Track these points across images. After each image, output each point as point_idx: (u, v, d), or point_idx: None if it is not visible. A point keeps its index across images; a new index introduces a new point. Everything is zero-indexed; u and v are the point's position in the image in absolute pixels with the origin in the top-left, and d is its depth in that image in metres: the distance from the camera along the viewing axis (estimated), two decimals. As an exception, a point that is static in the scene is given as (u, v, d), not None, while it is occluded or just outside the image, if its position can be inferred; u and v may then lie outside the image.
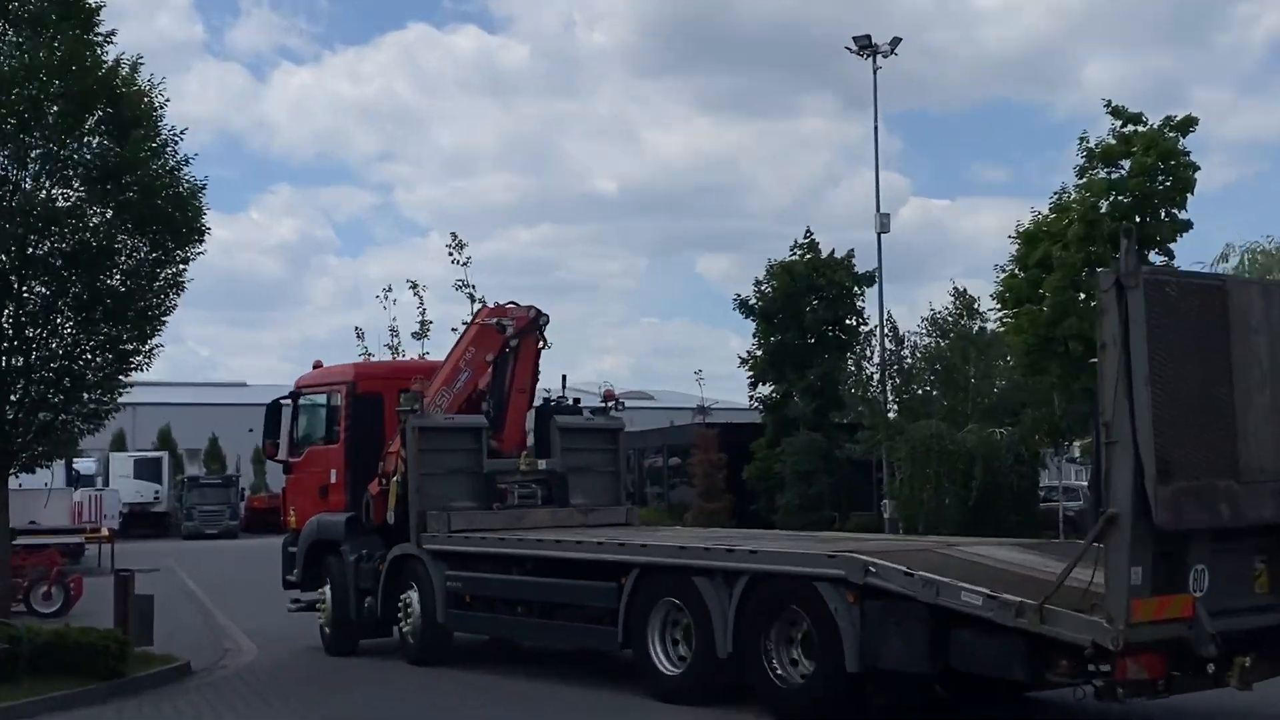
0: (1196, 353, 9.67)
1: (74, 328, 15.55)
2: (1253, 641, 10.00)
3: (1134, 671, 9.37)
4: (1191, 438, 9.51)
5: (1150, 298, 9.37)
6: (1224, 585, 9.86)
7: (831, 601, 10.97)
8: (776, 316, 38.71)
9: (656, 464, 47.58)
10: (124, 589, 16.03)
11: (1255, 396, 9.95)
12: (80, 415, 15.96)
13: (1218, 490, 9.62)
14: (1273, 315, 10.17)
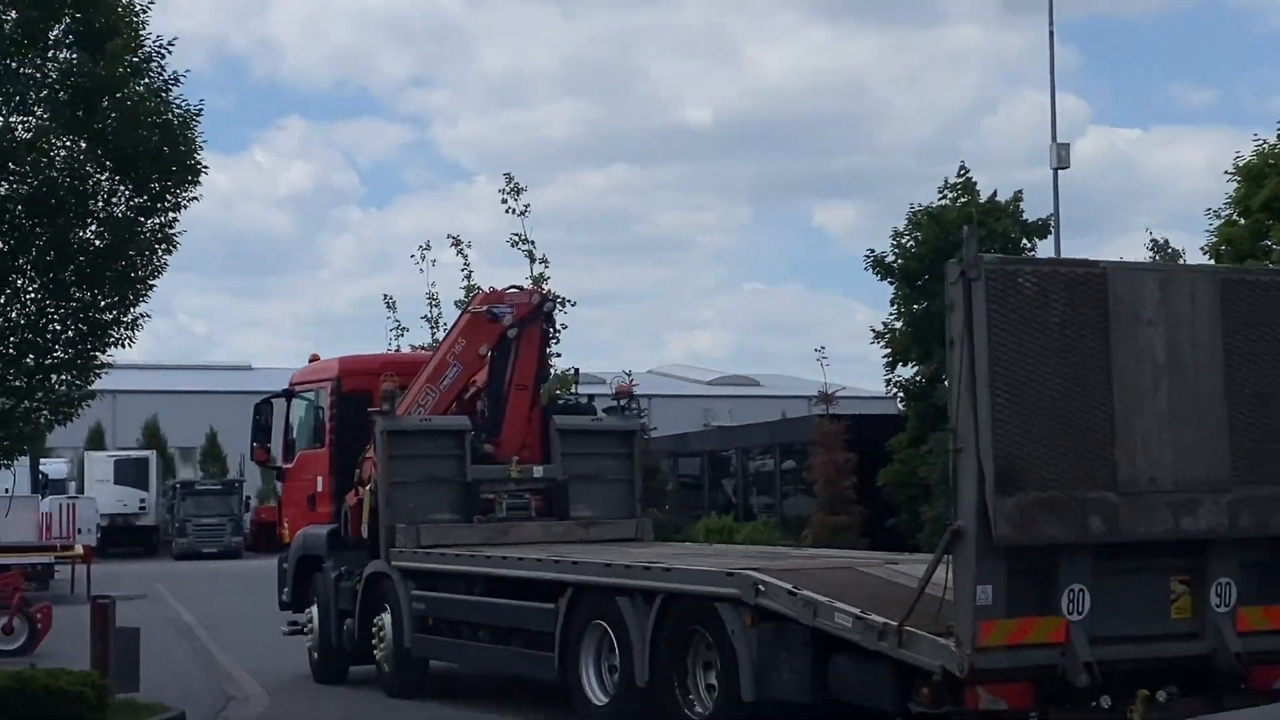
0: (1061, 350, 10.41)
1: (38, 291, 15.52)
2: (1169, 673, 10.91)
3: (987, 701, 10.28)
4: (1049, 445, 10.29)
5: (996, 290, 10.26)
6: (1124, 609, 10.76)
7: (730, 624, 12.25)
8: (922, 278, 38.19)
9: (765, 467, 47.35)
10: (103, 621, 16.13)
11: (1147, 398, 10.68)
12: (47, 402, 15.96)
13: (1087, 503, 10.39)
14: (1170, 307, 10.80)
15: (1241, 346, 11.21)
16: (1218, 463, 11.03)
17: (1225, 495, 11.03)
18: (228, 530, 58.56)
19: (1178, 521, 10.85)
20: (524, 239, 41.33)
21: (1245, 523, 11.09)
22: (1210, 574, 11.18)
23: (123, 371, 74.32)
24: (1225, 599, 11.20)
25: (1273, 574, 11.48)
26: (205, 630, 27.40)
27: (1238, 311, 11.22)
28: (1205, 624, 11.19)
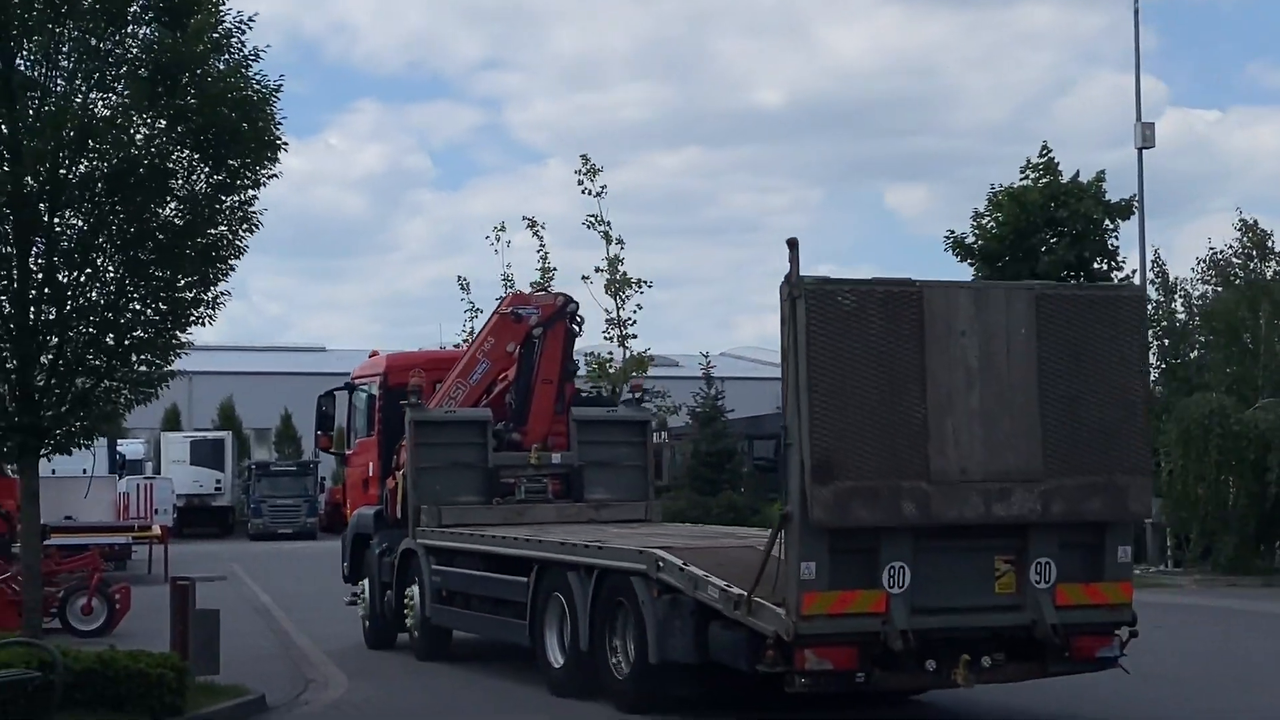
0: (878, 358, 12.17)
1: (118, 270, 15.44)
2: (995, 641, 12.71)
3: (813, 663, 12.15)
4: (864, 441, 12.03)
5: (816, 307, 12.09)
6: (947, 584, 12.48)
7: (641, 595, 14.12)
8: (1003, 259, 37.70)
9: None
10: (182, 602, 16.08)
11: (959, 399, 12.37)
12: (126, 382, 15.89)
13: (900, 490, 12.12)
14: (985, 319, 12.48)
15: (1054, 354, 12.76)
16: (1030, 456, 12.61)
17: (1038, 485, 12.61)
18: (302, 511, 58.68)
19: (989, 508, 12.46)
20: (600, 220, 41.27)
21: (1058, 509, 12.66)
22: (1031, 554, 12.77)
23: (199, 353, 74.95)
24: (1045, 576, 12.82)
25: (1091, 555, 13.01)
26: (282, 611, 27.39)
27: (1051, 323, 12.79)
28: (1027, 599, 12.75)
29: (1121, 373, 13.05)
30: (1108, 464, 12.90)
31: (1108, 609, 13.19)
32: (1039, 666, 13.16)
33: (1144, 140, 36.67)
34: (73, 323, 15.31)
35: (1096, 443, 12.88)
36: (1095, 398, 12.95)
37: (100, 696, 13.87)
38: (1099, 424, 12.92)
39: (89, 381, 15.58)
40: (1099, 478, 12.85)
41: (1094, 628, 13.16)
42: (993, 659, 12.79)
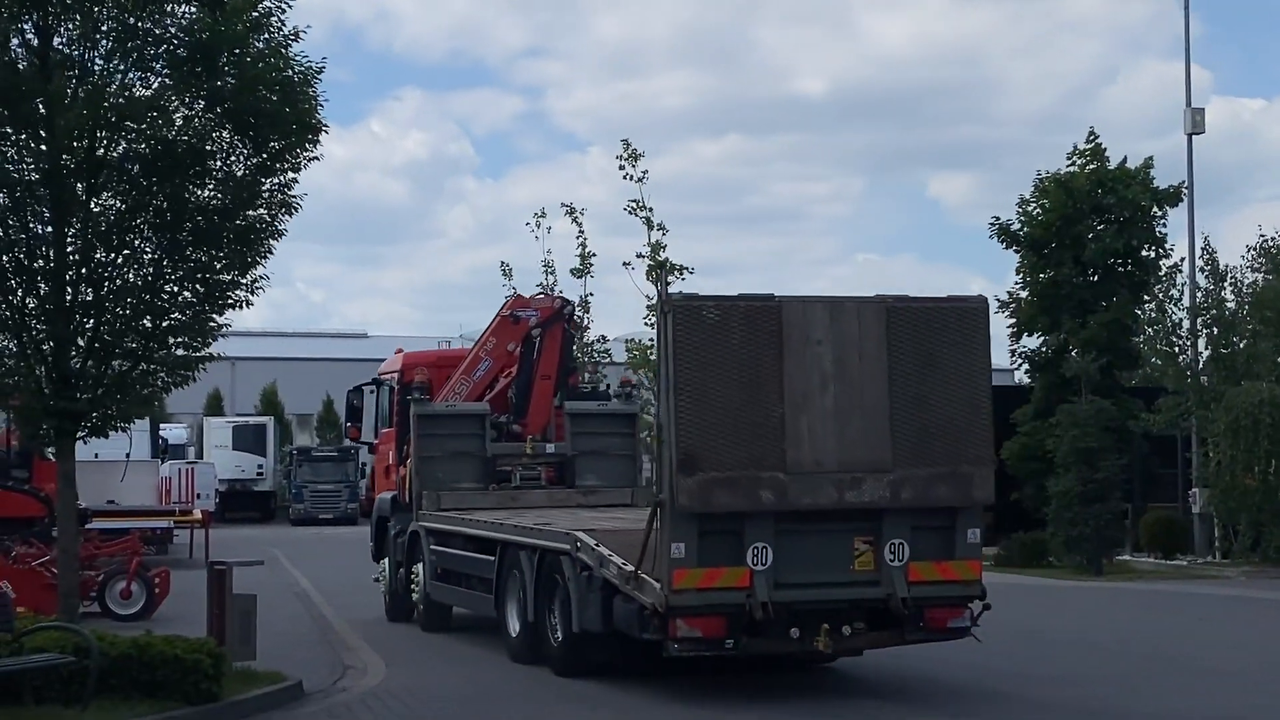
0: (739, 365, 13.79)
1: (156, 252, 15.33)
2: (856, 612, 14.43)
3: (684, 631, 13.87)
4: (725, 438, 13.66)
5: (682, 321, 13.75)
6: (811, 562, 14.15)
7: (568, 572, 15.87)
8: (1049, 246, 37.26)
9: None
10: (219, 587, 15.96)
11: (814, 400, 13.99)
12: (163, 365, 15.76)
13: (759, 481, 13.75)
14: (839, 328, 14.14)
15: (903, 359, 14.29)
16: (880, 450, 14.16)
17: (887, 475, 14.17)
18: (344, 496, 58.62)
19: (842, 495, 14.09)
20: (641, 206, 41.03)
21: (907, 496, 14.23)
22: (886, 535, 14.36)
23: (242, 339, 75.34)
24: (899, 555, 14.39)
25: (943, 536, 14.58)
26: (322, 596, 27.25)
27: (900, 331, 14.32)
28: (883, 575, 14.37)
29: (967, 375, 14.57)
30: (953, 456, 14.41)
31: (958, 585, 14.75)
32: (897, 635, 14.86)
33: (1194, 126, 36.16)
34: (109, 304, 15.19)
35: (943, 438, 14.39)
36: (942, 398, 14.43)
37: (135, 682, 13.73)
38: (945, 421, 14.40)
39: (126, 364, 15.46)
40: (945, 468, 14.39)
41: (945, 601, 14.80)
42: (853, 628, 14.56)
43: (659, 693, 15.27)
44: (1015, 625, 22.28)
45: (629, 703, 15.03)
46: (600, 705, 14.94)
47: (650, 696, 15.18)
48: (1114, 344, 36.00)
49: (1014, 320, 37.96)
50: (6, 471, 27.13)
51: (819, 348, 14.16)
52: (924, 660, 16.86)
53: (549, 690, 15.93)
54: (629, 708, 14.82)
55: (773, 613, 14.01)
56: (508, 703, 15.19)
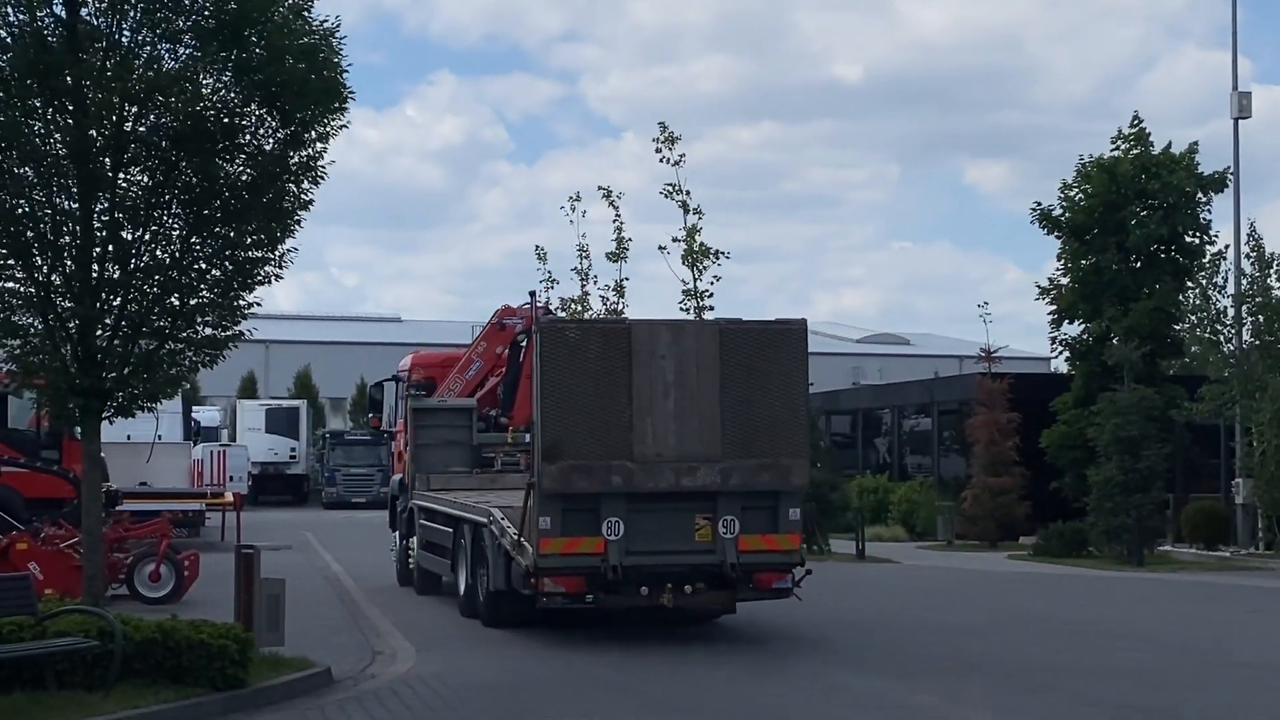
0: (595, 375, 17.09)
1: (184, 228, 14.99)
2: (697, 576, 17.68)
3: (550, 587, 17.42)
4: (583, 433, 17.06)
5: (548, 339, 17.29)
6: (659, 534, 17.48)
7: (488, 541, 19.34)
8: (1091, 232, 36.72)
9: (921, 426, 46.16)
10: (247, 572, 15.68)
11: (658, 403, 17.25)
12: (191, 344, 15.42)
13: (610, 468, 17.13)
14: (679, 346, 17.39)
15: (733, 371, 17.51)
16: (712, 444, 17.43)
17: (718, 464, 17.43)
18: (376, 480, 58.07)
19: (679, 480, 17.40)
20: (678, 189, 40.54)
21: (735, 481, 17.51)
22: (720, 513, 17.64)
23: (275, 321, 75.20)
24: (730, 530, 17.64)
25: (768, 515, 17.78)
26: (353, 580, 27.09)
27: (731, 348, 17.55)
28: (718, 545, 17.66)
29: (788, 384, 17.71)
30: (775, 449, 17.57)
31: (780, 554, 18.04)
32: (730, 595, 18.20)
33: (1240, 110, 35.53)
34: (137, 282, 14.86)
35: (766, 434, 17.55)
36: (766, 402, 17.56)
37: (160, 667, 13.48)
38: (768, 421, 17.56)
39: (152, 343, 15.15)
40: (768, 459, 17.54)
41: (770, 567, 18.09)
42: (694, 588, 17.82)
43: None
44: (1066, 617, 21.90)
45: (652, 689, 14.78)
46: (630, 693, 14.62)
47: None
48: (1156, 331, 35.47)
49: (1054, 307, 37.43)
50: (36, 452, 26.91)
51: (662, 361, 17.42)
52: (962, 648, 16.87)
53: (579, 679, 15.65)
54: (660, 697, 14.50)
55: (623, 575, 17.44)
56: (537, 692, 14.85)
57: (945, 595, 24.88)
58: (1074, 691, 14.75)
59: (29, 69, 14.08)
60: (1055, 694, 14.67)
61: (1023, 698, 14.45)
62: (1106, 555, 31.49)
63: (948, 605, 23.26)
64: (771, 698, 14.44)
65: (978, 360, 39.83)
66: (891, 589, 26.13)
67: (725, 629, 19.77)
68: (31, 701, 12.67)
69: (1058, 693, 14.73)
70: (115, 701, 12.79)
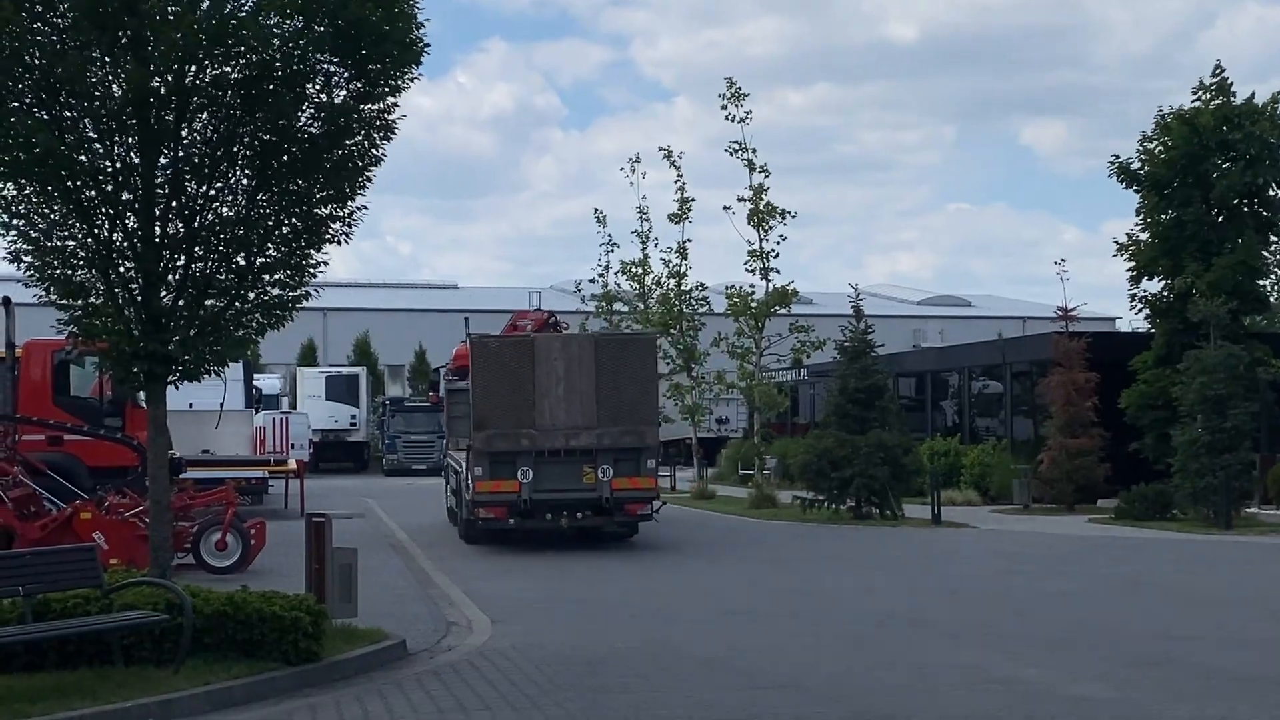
0: (510, 373, 25.70)
1: (251, 183, 14.31)
2: (585, 506, 26.05)
3: (484, 514, 26.07)
4: (501, 410, 25.58)
5: (476, 348, 26.30)
6: (557, 478, 25.82)
7: (457, 482, 29.01)
8: (1171, 185, 35.64)
9: (991, 388, 45.25)
10: (319, 540, 15.21)
11: (553, 391, 25.73)
12: (258, 306, 14.75)
13: (520, 434, 25.65)
14: (566, 352, 26.06)
15: (605, 367, 25.84)
16: (590, 417, 25.70)
17: (595, 430, 25.73)
18: (436, 447, 57.36)
19: (569, 442, 25.72)
20: (743, 147, 39.83)
21: (607, 442, 25.76)
22: (599, 464, 25.77)
23: (333, 289, 74.81)
24: (605, 475, 25.80)
25: (633, 464, 25.93)
26: (419, 548, 26.84)
27: (604, 351, 26.16)
28: (599, 486, 25.84)
29: (643, 375, 26.24)
30: (634, 420, 25.94)
31: (642, 491, 26.24)
32: (609, 520, 26.50)
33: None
34: (202, 239, 14.21)
35: (628, 410, 25.89)
36: (628, 388, 25.94)
37: (231, 641, 13.02)
38: (630, 401, 25.92)
39: (219, 304, 14.51)
40: (630, 427, 25.92)
41: (634, 500, 26.26)
42: (583, 514, 26.15)
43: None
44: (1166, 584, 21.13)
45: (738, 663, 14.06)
46: (719, 669, 13.90)
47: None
48: (1240, 287, 34.41)
49: (1133, 263, 36.39)
50: (99, 420, 26.46)
51: (556, 362, 25.87)
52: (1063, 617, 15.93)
53: (660, 652, 14.93)
54: (749, 670, 13.76)
55: (532, 506, 25.82)
56: (621, 665, 14.16)
57: (1033, 561, 24.05)
58: (1192, 663, 13.96)
59: (87, 15, 13.39)
60: (1173, 666, 13.88)
61: (1138, 669, 13.65)
62: (1193, 518, 30.56)
63: (1038, 572, 22.42)
64: (870, 678, 13.66)
65: (1054, 319, 38.80)
66: (974, 555, 25.36)
67: (812, 603, 19.07)
68: (99, 678, 12.16)
69: (1175, 664, 13.94)
70: (185, 678, 12.30)
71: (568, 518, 25.96)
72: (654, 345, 27.78)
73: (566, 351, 25.96)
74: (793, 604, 18.80)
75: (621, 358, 26.07)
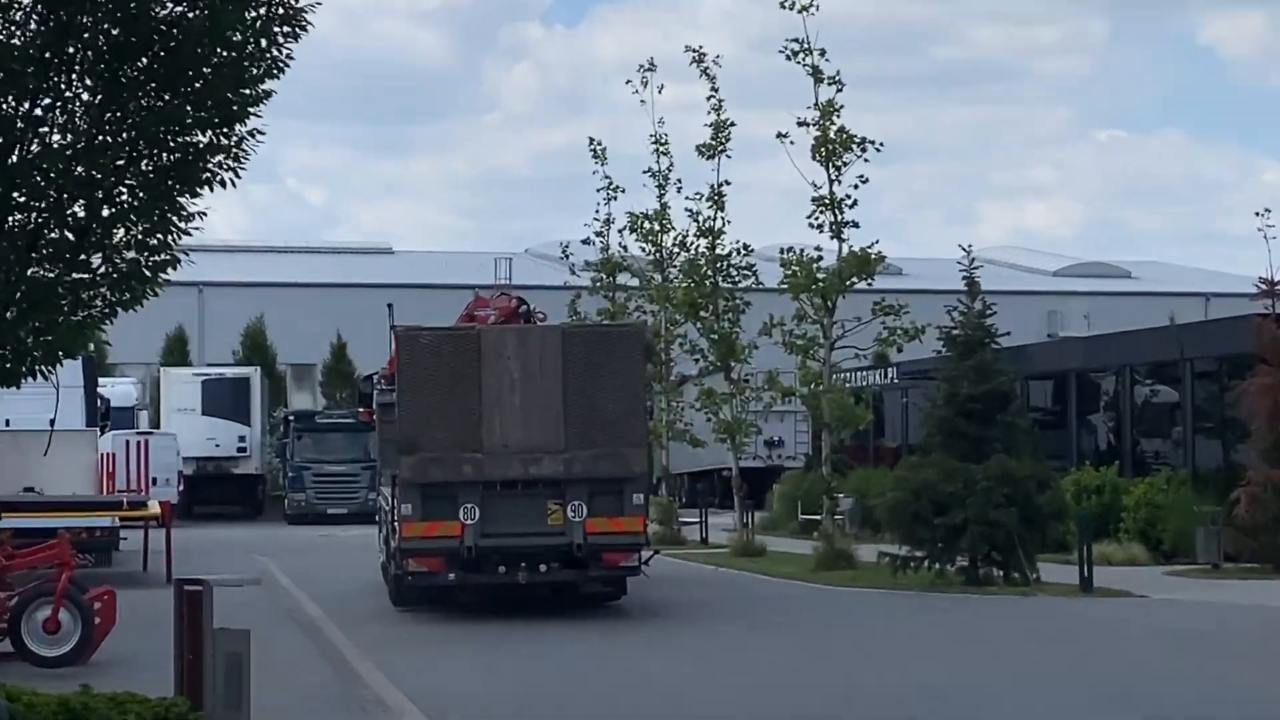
0: (449, 375, 27.14)
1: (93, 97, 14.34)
2: (551, 555, 27.36)
3: (414, 567, 27.67)
4: (437, 427, 27.14)
5: (404, 344, 27.96)
6: (513, 518, 27.21)
7: (389, 528, 31.39)
8: None
9: (1163, 395, 45.38)
10: (194, 617, 15.30)
11: (505, 400, 27.09)
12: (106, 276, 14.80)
13: (461, 459, 27.02)
14: (524, 349, 27.43)
15: (575, 370, 27.21)
16: (555, 436, 27.07)
17: (561, 455, 26.98)
18: (363, 483, 57.48)
19: (527, 469, 27.07)
20: (806, 48, 39.72)
21: (577, 470, 27.08)
22: (568, 499, 27.07)
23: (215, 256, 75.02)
24: (579, 514, 26.98)
25: (614, 500, 27.25)
26: (340, 626, 27.22)
27: (573, 348, 27.48)
28: (569, 528, 27.07)
29: (626, 380, 27.56)
30: (615, 440, 27.13)
31: (626, 535, 27.42)
32: (583, 573, 27.98)
33: None
34: (24, 178, 14.21)
35: (607, 427, 27.15)
36: (607, 398, 27.20)
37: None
38: (609, 415, 27.15)
39: (49, 270, 14.54)
40: (609, 449, 27.06)
41: (616, 547, 27.50)
42: (549, 566, 27.39)
43: None
44: None
45: None
46: None
47: None
48: None
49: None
50: None
51: (509, 361, 27.16)
52: None
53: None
54: None
55: (479, 554, 27.12)
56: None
57: (1245, 661, 23.45)
58: None
59: None
60: None
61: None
62: None
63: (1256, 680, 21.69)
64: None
65: (1253, 297, 38.69)
66: (1150, 644, 25.27)
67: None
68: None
69: None
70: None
71: (527, 571, 27.33)
72: (641, 339, 29.89)
73: (524, 348, 27.43)
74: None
75: (598, 357, 27.49)
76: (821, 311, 39.85)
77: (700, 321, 43.16)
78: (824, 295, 39.67)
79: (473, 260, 73.62)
